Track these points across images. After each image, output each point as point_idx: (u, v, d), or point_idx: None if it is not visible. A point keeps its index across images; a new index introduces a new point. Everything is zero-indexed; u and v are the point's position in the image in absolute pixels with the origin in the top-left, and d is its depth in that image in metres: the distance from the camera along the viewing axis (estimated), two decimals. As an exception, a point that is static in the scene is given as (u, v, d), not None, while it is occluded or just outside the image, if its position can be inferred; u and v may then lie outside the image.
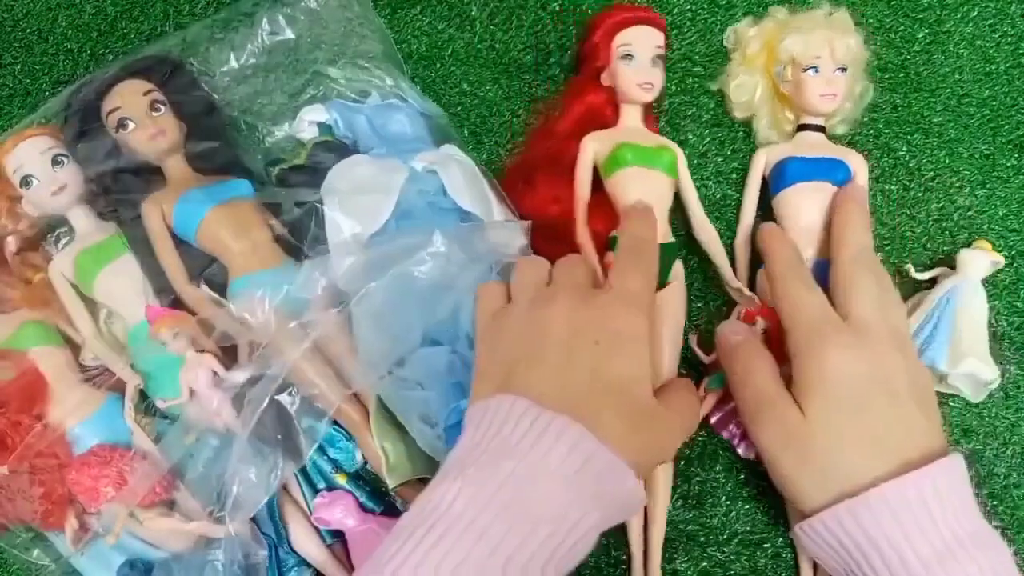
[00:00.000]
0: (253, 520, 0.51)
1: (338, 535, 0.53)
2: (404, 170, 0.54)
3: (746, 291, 0.56)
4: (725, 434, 0.54)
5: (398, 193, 0.52)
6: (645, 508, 0.54)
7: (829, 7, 0.61)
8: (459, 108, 0.62)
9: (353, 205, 0.52)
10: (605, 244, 0.57)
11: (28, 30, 0.63)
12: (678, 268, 0.58)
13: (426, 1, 0.63)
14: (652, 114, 0.62)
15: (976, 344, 0.57)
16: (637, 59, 0.58)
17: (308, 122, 0.57)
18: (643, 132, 0.60)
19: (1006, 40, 0.65)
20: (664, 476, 0.55)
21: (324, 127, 0.58)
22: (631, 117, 0.60)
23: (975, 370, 0.56)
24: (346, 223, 0.52)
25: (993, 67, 0.65)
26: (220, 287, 0.53)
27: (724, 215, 0.61)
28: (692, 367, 0.57)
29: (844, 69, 0.58)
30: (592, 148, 0.58)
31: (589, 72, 0.60)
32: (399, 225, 0.52)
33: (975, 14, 0.65)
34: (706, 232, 0.59)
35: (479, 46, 0.63)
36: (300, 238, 0.54)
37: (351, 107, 0.58)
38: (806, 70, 0.58)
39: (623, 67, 0.58)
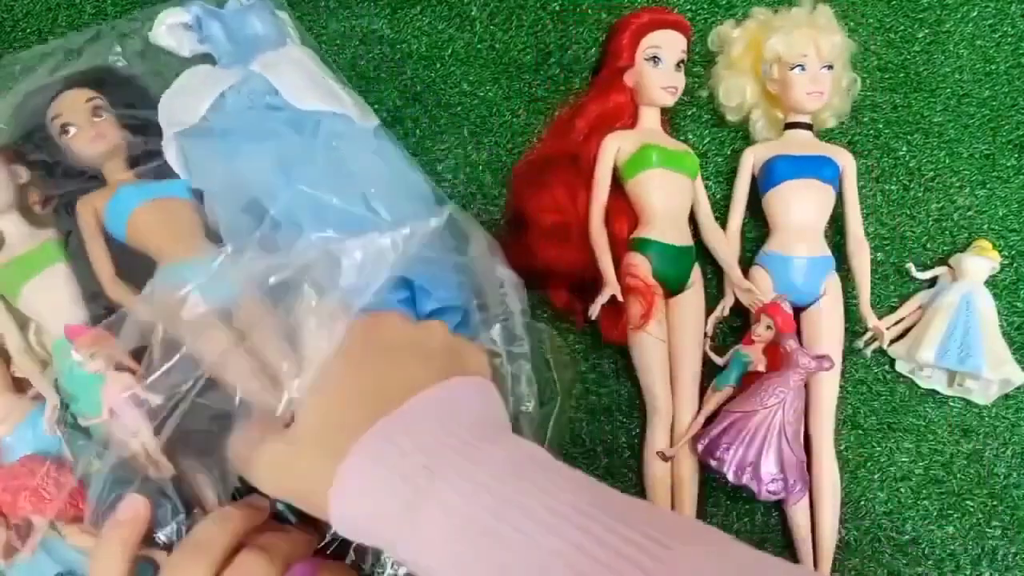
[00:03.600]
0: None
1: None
2: (236, 75, 0.55)
3: (756, 291, 0.56)
4: (713, 462, 0.53)
5: (216, 93, 0.53)
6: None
7: (812, 4, 0.60)
8: (459, 108, 0.62)
9: (175, 105, 0.54)
10: (621, 246, 0.57)
11: (28, 30, 0.63)
12: (696, 273, 0.58)
13: (426, 1, 0.63)
14: (666, 118, 0.62)
15: (1000, 348, 0.57)
16: (664, 62, 0.58)
17: (167, 26, 0.56)
18: (663, 135, 0.60)
19: (1006, 40, 0.65)
20: (690, 487, 0.55)
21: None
22: (650, 119, 0.60)
23: (1011, 374, 0.56)
24: (167, 120, 0.54)
25: (993, 67, 0.65)
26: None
27: (724, 215, 0.61)
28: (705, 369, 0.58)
29: (830, 67, 0.58)
30: (615, 147, 0.58)
31: (611, 72, 0.60)
32: (217, 125, 0.53)
33: (975, 14, 0.65)
34: (715, 236, 0.59)
35: (479, 46, 0.63)
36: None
37: (210, 11, 0.57)
38: (792, 68, 0.58)
39: (649, 69, 0.58)
